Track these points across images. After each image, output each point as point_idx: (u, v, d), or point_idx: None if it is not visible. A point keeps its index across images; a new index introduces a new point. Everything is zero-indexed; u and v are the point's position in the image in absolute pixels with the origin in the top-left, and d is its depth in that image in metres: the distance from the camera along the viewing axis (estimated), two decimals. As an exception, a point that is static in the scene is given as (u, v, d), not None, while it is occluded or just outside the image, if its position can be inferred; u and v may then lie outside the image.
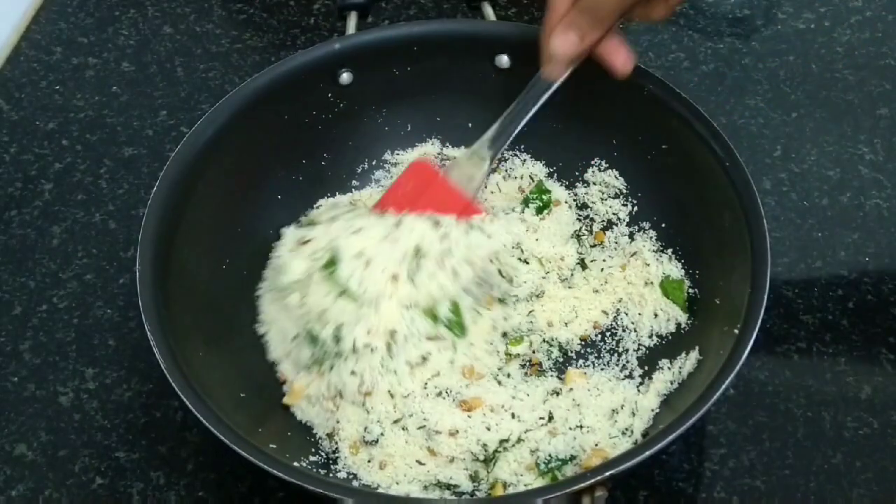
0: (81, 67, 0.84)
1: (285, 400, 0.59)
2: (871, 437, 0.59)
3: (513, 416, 0.57)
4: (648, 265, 0.63)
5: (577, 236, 0.67)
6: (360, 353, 0.57)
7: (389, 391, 0.57)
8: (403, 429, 0.57)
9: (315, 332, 0.58)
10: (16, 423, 0.61)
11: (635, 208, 0.67)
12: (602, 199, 0.68)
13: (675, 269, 0.63)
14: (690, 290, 0.62)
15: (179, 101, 0.81)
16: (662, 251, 0.65)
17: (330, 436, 0.58)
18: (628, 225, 0.67)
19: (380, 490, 0.55)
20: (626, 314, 0.63)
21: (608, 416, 0.57)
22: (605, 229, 0.68)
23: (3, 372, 0.63)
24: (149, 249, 0.56)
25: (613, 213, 0.68)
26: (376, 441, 0.56)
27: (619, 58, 0.59)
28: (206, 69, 0.83)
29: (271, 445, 0.56)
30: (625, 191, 0.68)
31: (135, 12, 0.89)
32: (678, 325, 0.62)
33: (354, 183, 0.71)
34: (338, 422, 0.58)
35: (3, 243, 0.71)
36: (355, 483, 0.56)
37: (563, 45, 0.58)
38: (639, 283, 0.63)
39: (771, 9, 0.86)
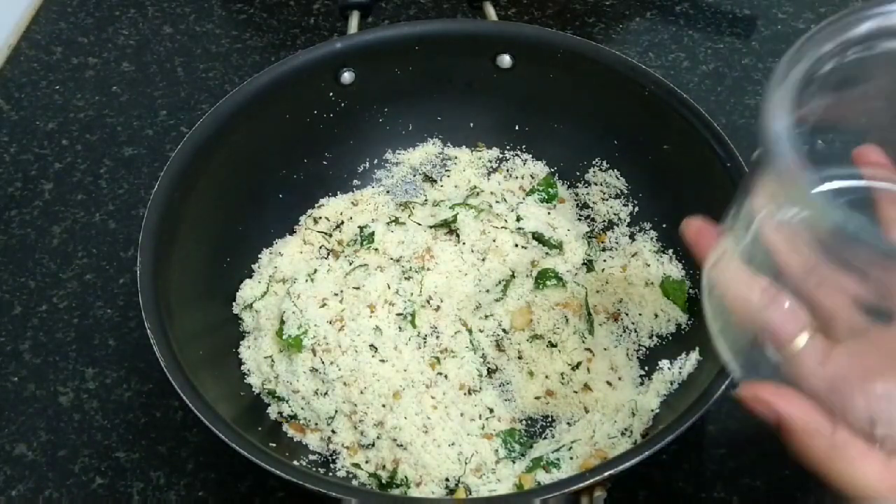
0: (81, 67, 0.84)
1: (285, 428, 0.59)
2: (872, 437, 0.59)
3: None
4: (649, 265, 0.63)
5: (589, 238, 0.67)
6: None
7: (382, 404, 0.57)
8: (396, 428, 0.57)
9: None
10: (16, 423, 0.61)
11: (636, 208, 0.67)
12: (603, 200, 0.69)
13: (676, 270, 0.63)
14: (691, 291, 0.62)
15: (179, 101, 0.81)
16: (663, 251, 0.65)
17: (327, 441, 0.58)
18: (629, 225, 0.67)
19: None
20: (627, 314, 0.63)
21: (609, 417, 0.57)
22: (605, 229, 0.68)
23: (3, 372, 0.63)
24: (149, 249, 0.56)
25: (614, 214, 0.68)
26: (372, 444, 0.57)
27: None
28: (206, 69, 0.83)
29: (271, 444, 0.56)
30: (626, 191, 0.68)
31: (135, 12, 0.89)
32: (678, 325, 0.62)
33: (356, 182, 0.71)
34: (333, 431, 0.58)
35: (3, 243, 0.71)
36: (355, 482, 0.56)
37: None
38: (639, 284, 0.63)
39: (771, 9, 0.86)
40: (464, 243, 0.64)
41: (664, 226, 0.66)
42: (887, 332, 0.33)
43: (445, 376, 0.59)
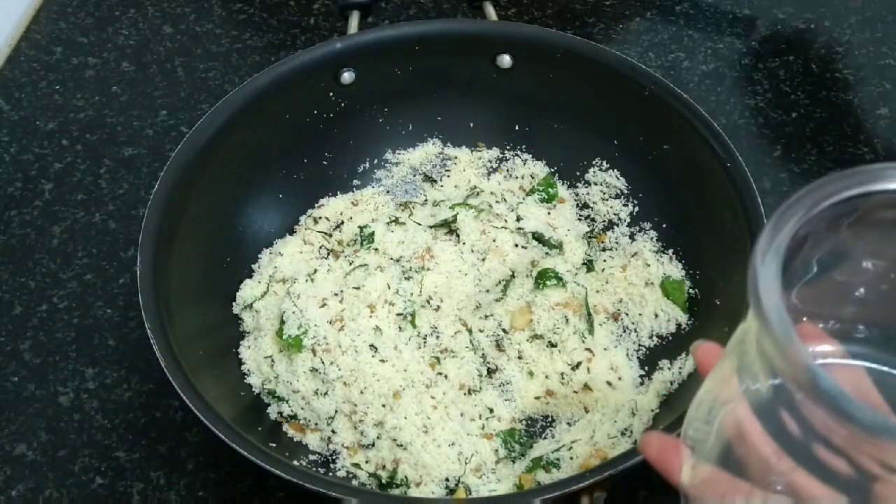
0: (81, 67, 0.84)
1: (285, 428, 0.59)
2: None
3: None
4: (649, 265, 0.63)
5: (589, 238, 0.67)
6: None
7: (383, 404, 0.57)
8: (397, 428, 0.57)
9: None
10: (16, 423, 0.61)
11: (636, 209, 0.67)
12: (603, 200, 0.69)
13: (676, 270, 0.63)
14: (691, 291, 0.62)
15: (179, 101, 0.81)
16: (663, 252, 0.65)
17: (328, 441, 0.58)
18: (629, 225, 0.67)
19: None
20: (627, 314, 0.63)
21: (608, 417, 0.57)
22: (606, 229, 0.68)
23: (3, 372, 0.63)
24: (149, 249, 0.56)
25: (614, 214, 0.68)
26: (372, 444, 0.56)
27: None
28: (206, 69, 0.83)
29: (271, 444, 0.56)
30: (626, 191, 0.68)
31: (135, 12, 0.88)
32: (678, 325, 0.62)
33: (356, 182, 0.71)
34: (333, 431, 0.58)
35: (3, 243, 0.71)
36: (355, 482, 0.56)
37: None
38: (639, 284, 0.63)
39: (771, 9, 0.86)
40: (464, 243, 0.64)
41: (664, 226, 0.66)
42: None
43: (445, 376, 0.59)
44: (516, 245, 0.65)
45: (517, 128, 0.71)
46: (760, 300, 0.27)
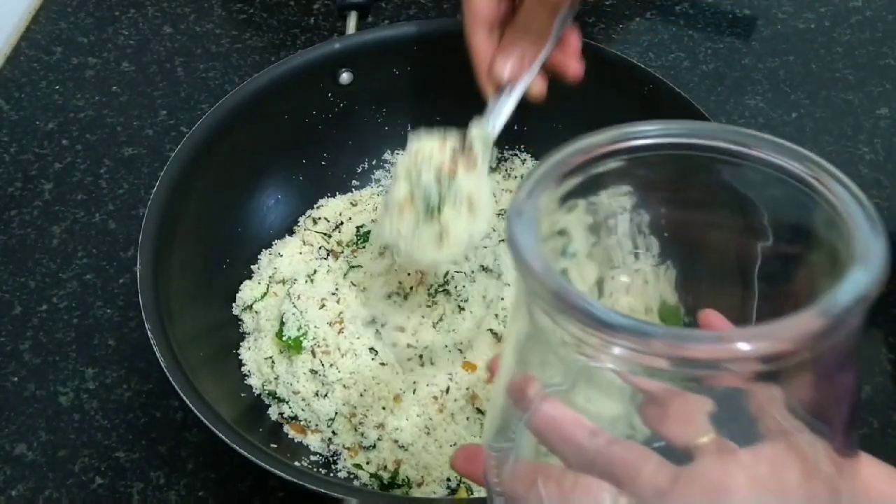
0: (81, 67, 0.84)
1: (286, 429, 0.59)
2: (872, 437, 0.59)
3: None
4: (649, 265, 0.63)
5: None
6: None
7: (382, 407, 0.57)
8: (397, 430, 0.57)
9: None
10: (16, 423, 0.61)
11: (635, 208, 0.67)
12: (602, 199, 0.68)
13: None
14: (691, 290, 0.62)
15: (179, 101, 0.81)
16: (663, 251, 0.64)
17: (328, 441, 0.58)
18: (628, 225, 0.67)
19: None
20: (627, 314, 0.62)
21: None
22: (605, 229, 0.68)
23: (3, 372, 0.63)
24: (149, 249, 0.56)
25: (614, 213, 0.68)
26: (373, 446, 0.56)
27: (570, 68, 0.58)
28: (206, 69, 0.83)
29: (272, 445, 0.56)
30: (625, 191, 0.68)
31: (135, 12, 0.89)
32: (678, 325, 0.61)
33: (354, 183, 0.71)
34: (334, 433, 0.58)
35: (3, 243, 0.71)
36: (356, 483, 0.56)
37: (506, 70, 0.56)
38: (639, 284, 0.63)
39: (771, 9, 0.86)
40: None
41: (664, 226, 0.66)
42: (693, 473, 0.28)
43: (456, 382, 0.58)
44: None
45: (516, 128, 0.71)
46: (519, 248, 0.25)
